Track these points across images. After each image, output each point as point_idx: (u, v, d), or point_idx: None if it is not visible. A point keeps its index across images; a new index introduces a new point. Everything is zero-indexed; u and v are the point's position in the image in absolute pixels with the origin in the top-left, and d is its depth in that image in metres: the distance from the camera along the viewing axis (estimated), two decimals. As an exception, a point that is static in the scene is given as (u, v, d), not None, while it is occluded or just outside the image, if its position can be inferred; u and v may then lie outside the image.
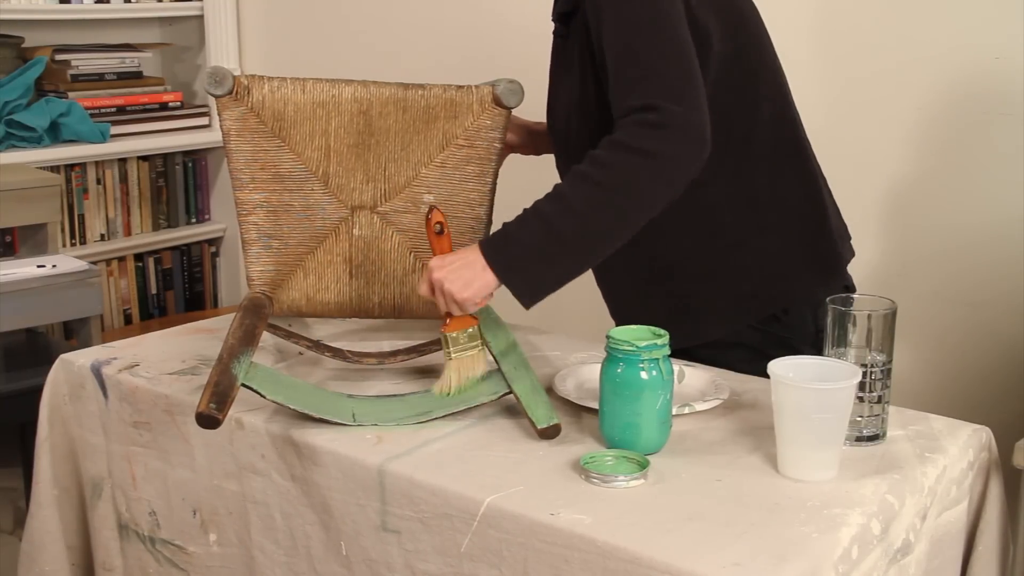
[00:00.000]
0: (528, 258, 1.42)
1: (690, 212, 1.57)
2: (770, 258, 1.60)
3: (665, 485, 1.23)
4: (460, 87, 1.61)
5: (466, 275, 1.42)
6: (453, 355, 1.47)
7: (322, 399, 1.43)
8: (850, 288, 1.65)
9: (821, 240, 1.63)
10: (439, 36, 2.95)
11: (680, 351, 1.52)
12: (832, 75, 2.29)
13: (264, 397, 1.38)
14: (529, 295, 1.42)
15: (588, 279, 1.78)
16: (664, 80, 1.41)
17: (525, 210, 1.44)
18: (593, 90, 1.54)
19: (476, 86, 1.63)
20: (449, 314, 1.46)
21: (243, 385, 1.36)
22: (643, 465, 1.24)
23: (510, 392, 1.40)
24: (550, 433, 1.34)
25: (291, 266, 1.62)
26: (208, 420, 1.30)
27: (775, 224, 1.60)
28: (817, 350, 1.38)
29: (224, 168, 1.61)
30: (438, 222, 1.48)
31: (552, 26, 1.68)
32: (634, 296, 1.69)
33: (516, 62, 1.77)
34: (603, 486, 1.22)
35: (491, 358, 1.48)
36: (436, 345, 1.59)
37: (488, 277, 1.42)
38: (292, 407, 1.39)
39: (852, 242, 1.71)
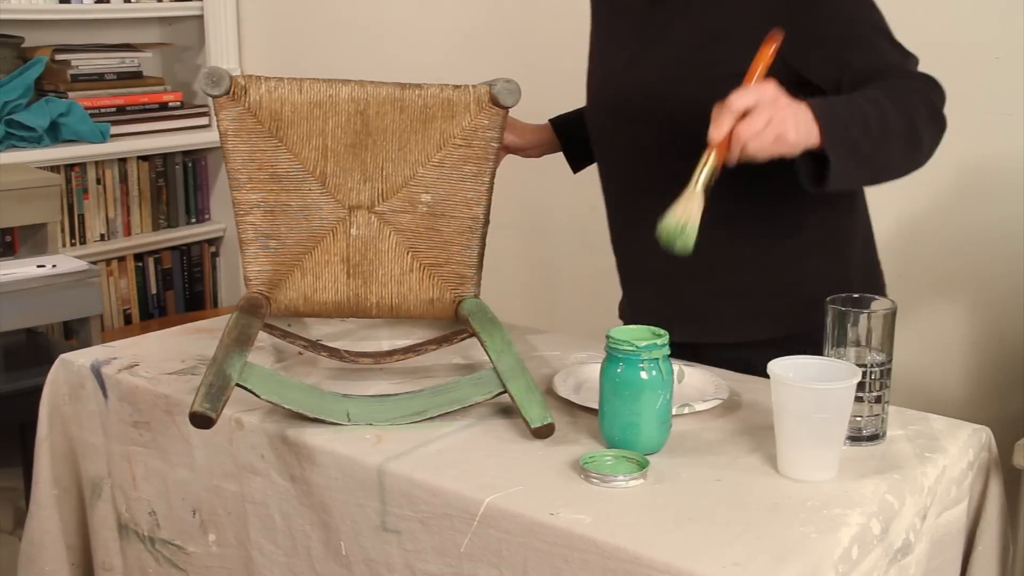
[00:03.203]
0: (851, 142, 1.31)
1: (758, 224, 1.57)
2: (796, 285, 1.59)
3: (665, 485, 1.22)
4: (457, 87, 1.61)
5: (800, 119, 1.26)
6: (697, 188, 1.29)
7: (317, 399, 1.43)
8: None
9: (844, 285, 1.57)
10: (437, 36, 2.94)
11: (688, 345, 1.54)
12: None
13: (259, 397, 1.38)
14: (839, 178, 1.31)
15: (589, 279, 1.77)
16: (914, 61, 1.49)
17: (846, 98, 1.35)
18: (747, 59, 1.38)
19: (473, 86, 1.62)
20: (726, 143, 1.27)
21: (238, 385, 1.36)
22: (643, 465, 1.24)
23: (505, 391, 1.39)
24: (543, 432, 1.34)
25: (289, 266, 1.62)
26: (202, 419, 1.30)
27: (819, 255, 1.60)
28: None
29: (224, 168, 1.61)
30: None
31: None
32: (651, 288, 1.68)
33: (513, 62, 1.77)
34: (602, 486, 1.21)
35: (486, 357, 1.48)
36: (433, 345, 1.59)
37: (811, 135, 1.27)
38: (287, 407, 1.39)
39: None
